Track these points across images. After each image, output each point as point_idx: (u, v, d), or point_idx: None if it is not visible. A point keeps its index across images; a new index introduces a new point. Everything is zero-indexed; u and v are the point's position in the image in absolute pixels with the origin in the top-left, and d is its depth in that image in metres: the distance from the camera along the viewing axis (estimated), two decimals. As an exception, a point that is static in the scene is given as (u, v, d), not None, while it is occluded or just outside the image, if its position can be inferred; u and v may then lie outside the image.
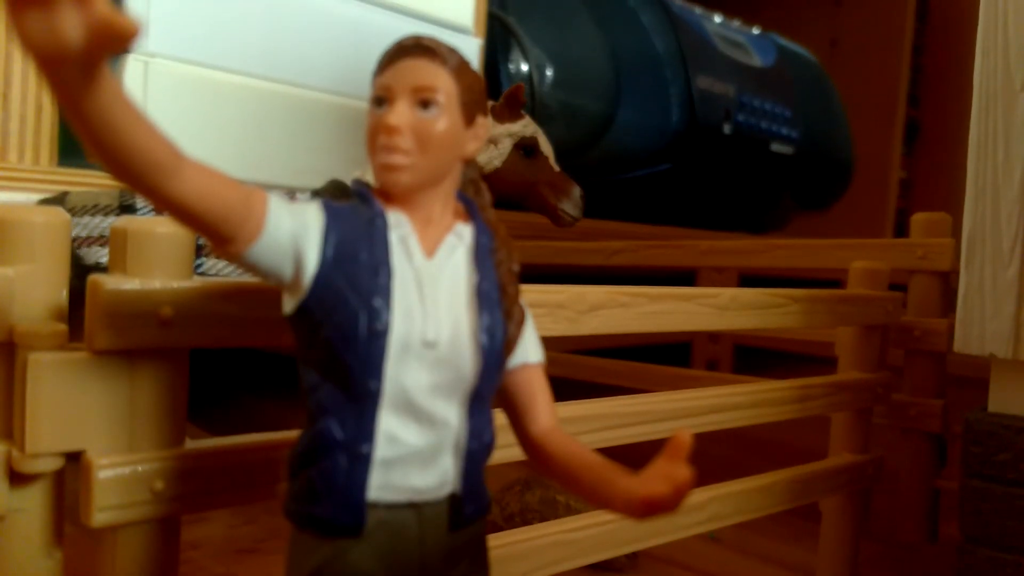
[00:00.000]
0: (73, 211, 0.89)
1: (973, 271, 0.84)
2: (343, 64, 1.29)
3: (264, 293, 0.49)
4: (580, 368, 1.31)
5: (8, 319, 0.47)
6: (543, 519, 0.92)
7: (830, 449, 0.99)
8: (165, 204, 0.37)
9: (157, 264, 0.47)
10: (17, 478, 0.47)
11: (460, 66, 0.44)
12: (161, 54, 1.12)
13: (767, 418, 0.85)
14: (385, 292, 0.40)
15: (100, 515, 0.46)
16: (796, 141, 2.27)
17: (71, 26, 0.29)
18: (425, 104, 0.42)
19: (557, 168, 0.99)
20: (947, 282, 1.09)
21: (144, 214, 0.89)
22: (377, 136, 0.42)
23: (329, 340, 0.40)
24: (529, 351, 0.46)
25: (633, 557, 0.98)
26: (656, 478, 0.39)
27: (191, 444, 0.50)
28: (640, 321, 0.70)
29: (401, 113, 0.42)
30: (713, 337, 1.66)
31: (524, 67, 1.61)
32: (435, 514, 0.42)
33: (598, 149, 1.82)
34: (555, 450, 0.45)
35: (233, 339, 0.49)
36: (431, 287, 0.41)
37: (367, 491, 0.40)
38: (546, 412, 0.46)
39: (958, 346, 0.85)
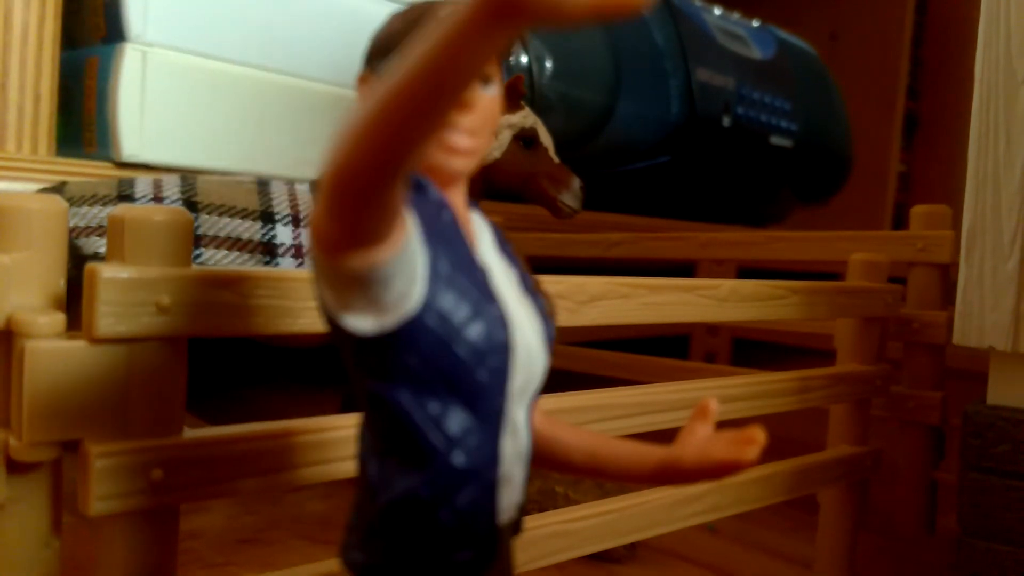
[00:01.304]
0: (71, 201, 0.88)
1: (973, 264, 0.84)
2: (342, 54, 1.28)
3: (263, 281, 0.49)
4: (578, 360, 1.31)
5: (5, 307, 0.46)
6: (541, 510, 0.91)
7: (829, 441, 0.99)
8: (380, 203, 0.30)
9: (155, 252, 0.46)
10: (15, 467, 0.47)
11: None
12: (160, 43, 1.11)
13: (766, 410, 0.84)
14: (488, 290, 0.35)
15: (98, 504, 0.45)
16: (795, 134, 2.26)
17: None
18: (486, 80, 0.38)
19: (556, 160, 0.99)
20: (947, 275, 1.09)
21: (143, 203, 0.89)
22: None
23: (451, 360, 0.34)
24: None
25: (632, 548, 0.98)
26: (722, 443, 0.38)
27: (190, 433, 0.49)
28: (640, 312, 0.70)
29: (473, 89, 0.37)
30: (712, 330, 1.66)
31: (523, 59, 1.60)
32: (510, 531, 0.39)
33: (597, 141, 1.81)
34: (565, 436, 0.43)
35: (232, 327, 0.49)
36: (500, 282, 0.37)
37: (498, 514, 0.36)
38: (537, 401, 0.44)
39: (957, 338, 0.85)
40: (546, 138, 1.00)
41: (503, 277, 0.39)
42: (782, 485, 0.87)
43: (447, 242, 0.35)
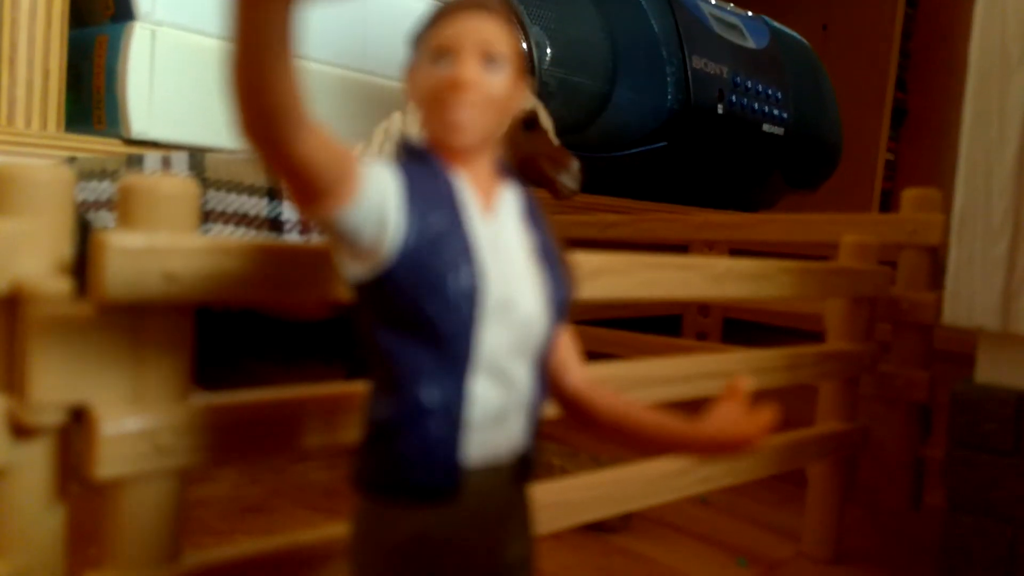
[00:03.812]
0: (80, 176, 0.89)
1: (964, 245, 0.85)
2: (347, 37, 1.29)
3: (270, 251, 0.50)
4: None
5: (11, 273, 0.47)
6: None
7: (818, 417, 1.00)
8: (285, 158, 0.36)
9: (163, 221, 0.47)
10: (21, 432, 0.47)
11: (513, 24, 0.43)
12: (168, 23, 1.11)
13: (757, 386, 0.85)
14: (468, 253, 0.39)
15: (104, 468, 0.46)
16: (787, 122, 2.28)
17: None
18: (491, 61, 0.41)
19: (556, 142, 1.00)
20: (935, 257, 1.10)
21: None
22: (441, 91, 0.40)
23: (419, 304, 0.38)
24: None
25: (626, 519, 0.99)
26: (741, 420, 0.41)
27: (195, 399, 0.50)
28: (638, 288, 0.71)
29: (472, 68, 0.40)
30: (703, 310, 1.67)
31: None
32: (506, 473, 0.42)
33: (595, 127, 1.82)
34: (597, 400, 0.45)
35: (239, 296, 0.49)
36: (499, 247, 0.41)
37: (461, 455, 0.39)
38: (578, 364, 0.47)
39: (947, 318, 0.86)
40: (546, 120, 1.01)
41: (510, 241, 0.42)
42: (772, 459, 0.88)
43: (437, 205, 0.40)
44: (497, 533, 0.41)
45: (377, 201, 0.39)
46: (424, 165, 0.41)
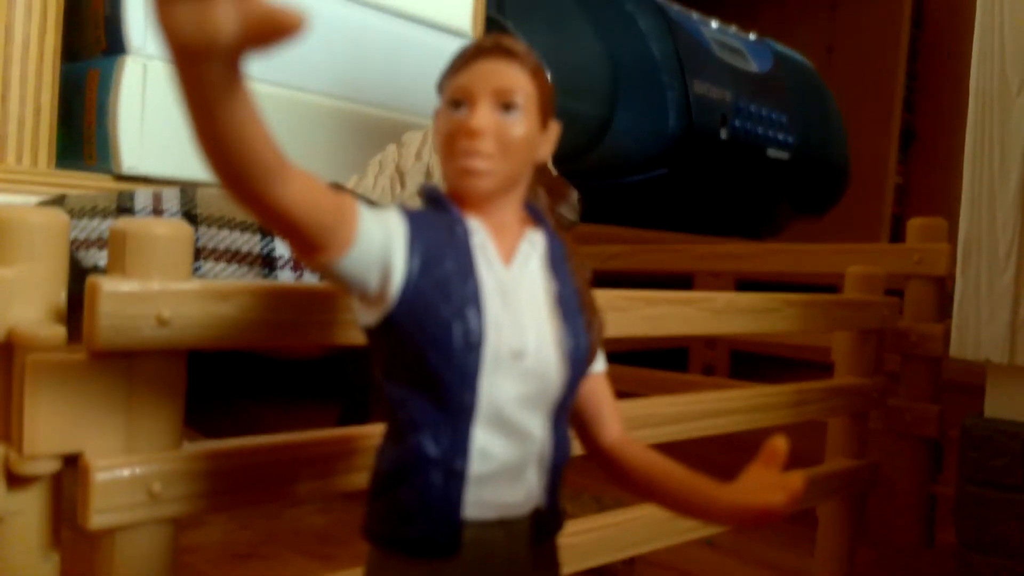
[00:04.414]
0: (71, 213, 0.88)
1: (969, 276, 0.85)
2: (342, 68, 1.29)
3: (262, 295, 0.49)
4: (577, 372, 1.30)
5: (6, 320, 0.46)
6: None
7: (826, 454, 0.99)
8: (268, 210, 0.35)
9: (156, 265, 0.47)
10: (14, 480, 0.47)
11: (537, 68, 0.43)
12: (161, 56, 1.12)
13: (763, 423, 0.85)
14: (476, 302, 0.38)
15: (98, 517, 0.46)
16: (792, 147, 2.27)
17: (225, 16, 0.27)
18: (507, 107, 0.41)
19: (554, 172, 1.00)
20: (943, 287, 1.09)
21: (143, 216, 0.89)
22: (456, 139, 0.40)
23: (421, 353, 0.38)
24: (596, 360, 0.46)
25: (630, 563, 0.97)
26: (766, 486, 0.38)
27: (189, 447, 0.50)
28: (637, 325, 0.70)
29: (484, 116, 0.40)
30: (710, 343, 1.66)
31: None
32: (521, 530, 0.41)
33: (595, 154, 1.82)
34: (631, 459, 0.44)
35: (232, 341, 0.49)
36: (514, 296, 0.40)
37: (462, 509, 0.39)
38: (615, 420, 0.46)
39: (954, 351, 0.85)
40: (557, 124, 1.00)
41: (529, 289, 0.41)
42: (780, 498, 0.87)
43: (446, 252, 0.39)
44: None
45: (378, 248, 0.38)
46: (439, 212, 0.41)
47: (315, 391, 1.60)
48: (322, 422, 1.30)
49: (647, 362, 1.37)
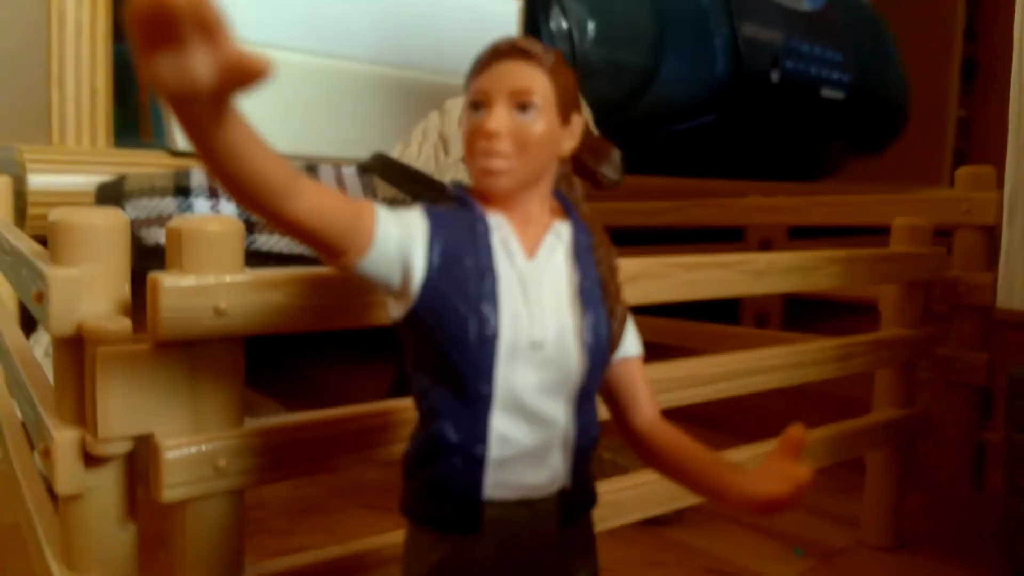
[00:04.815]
0: (131, 194, 0.93)
1: (1016, 227, 0.84)
2: (383, 34, 1.30)
3: (310, 282, 0.52)
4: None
5: (75, 315, 0.50)
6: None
7: (874, 404, 0.99)
8: (283, 224, 0.38)
9: (210, 260, 0.50)
10: (91, 460, 0.51)
11: (555, 66, 0.44)
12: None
13: (808, 378, 0.86)
14: (492, 297, 0.40)
15: (169, 492, 0.50)
16: (847, 85, 2.22)
17: (202, 66, 0.30)
18: (523, 107, 0.42)
19: (596, 131, 1.01)
20: (992, 236, 1.08)
21: (198, 195, 0.93)
22: (476, 141, 0.42)
23: (440, 346, 0.40)
24: (628, 344, 0.47)
25: (679, 511, 1.00)
26: (775, 477, 0.40)
27: (249, 423, 0.53)
28: (677, 291, 0.71)
29: (500, 118, 0.42)
30: (761, 290, 1.66)
31: (564, 24, 1.60)
32: (546, 509, 0.43)
33: (642, 103, 1.81)
34: (660, 442, 0.46)
35: (284, 327, 0.52)
36: (535, 288, 0.42)
37: (483, 490, 0.41)
38: (648, 404, 0.47)
39: (1001, 301, 0.85)
40: (585, 111, 1.01)
41: (551, 282, 0.43)
42: (827, 450, 0.88)
43: (466, 249, 0.41)
44: (533, 566, 0.43)
45: (396, 248, 0.40)
46: (462, 209, 0.43)
47: (375, 349, 1.65)
48: (380, 381, 1.35)
49: (698, 311, 1.38)
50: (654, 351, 0.74)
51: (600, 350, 0.43)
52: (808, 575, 0.94)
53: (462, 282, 0.40)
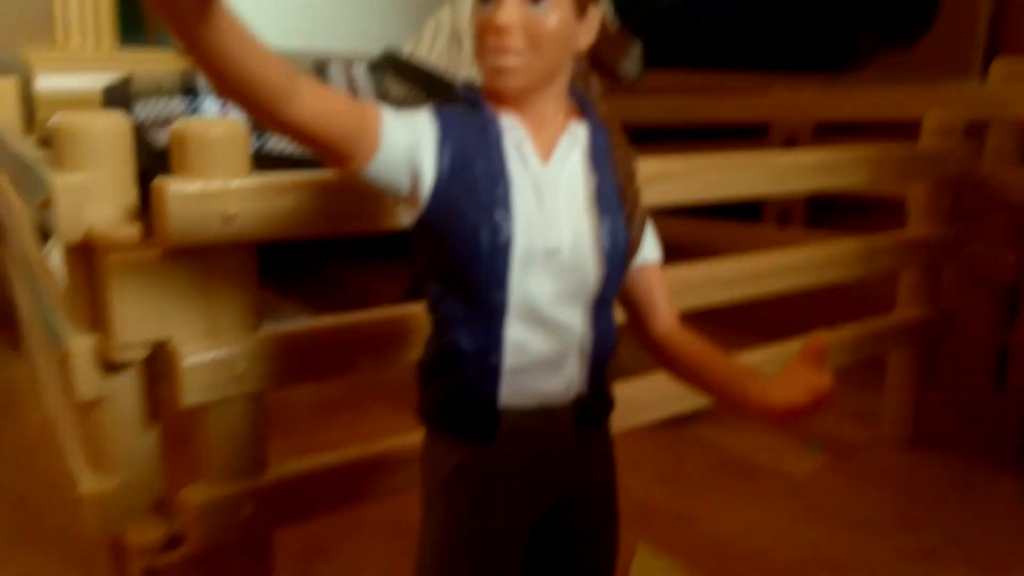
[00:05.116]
0: (138, 95, 0.91)
1: (1053, 120, 0.80)
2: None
3: (319, 187, 0.51)
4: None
5: (84, 223, 0.49)
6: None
7: (898, 303, 0.98)
8: (283, 128, 0.36)
9: (216, 165, 0.48)
10: (109, 366, 0.51)
11: None
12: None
13: (835, 278, 0.85)
14: (505, 203, 0.39)
15: (188, 396, 0.50)
16: (879, -29, 2.13)
17: None
18: None
19: (614, 25, 0.97)
20: (1026, 131, 1.04)
21: (206, 95, 0.91)
22: (486, 37, 0.39)
23: (451, 255, 0.39)
24: (647, 250, 0.45)
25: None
26: (794, 385, 0.38)
27: (268, 328, 0.53)
28: (697, 192, 0.70)
29: (510, 11, 0.38)
30: (785, 189, 1.62)
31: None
32: (563, 416, 0.42)
33: (664, -4, 1.74)
34: (679, 350, 0.44)
35: (295, 232, 0.51)
36: (550, 193, 0.40)
37: (498, 399, 0.41)
38: (667, 311, 0.46)
39: (1033, 199, 0.82)
40: (601, 1, 0.97)
41: (567, 186, 0.41)
42: (848, 351, 0.88)
43: (477, 152, 0.40)
44: (548, 470, 0.42)
45: (404, 152, 0.39)
46: (473, 111, 0.41)
47: (395, 249, 1.65)
48: (399, 282, 1.35)
49: (718, 210, 1.36)
50: (672, 252, 0.72)
51: (618, 256, 0.41)
52: (825, 471, 0.95)
53: (473, 188, 0.39)
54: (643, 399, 0.72)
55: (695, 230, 1.26)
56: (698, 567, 0.76)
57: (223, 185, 0.48)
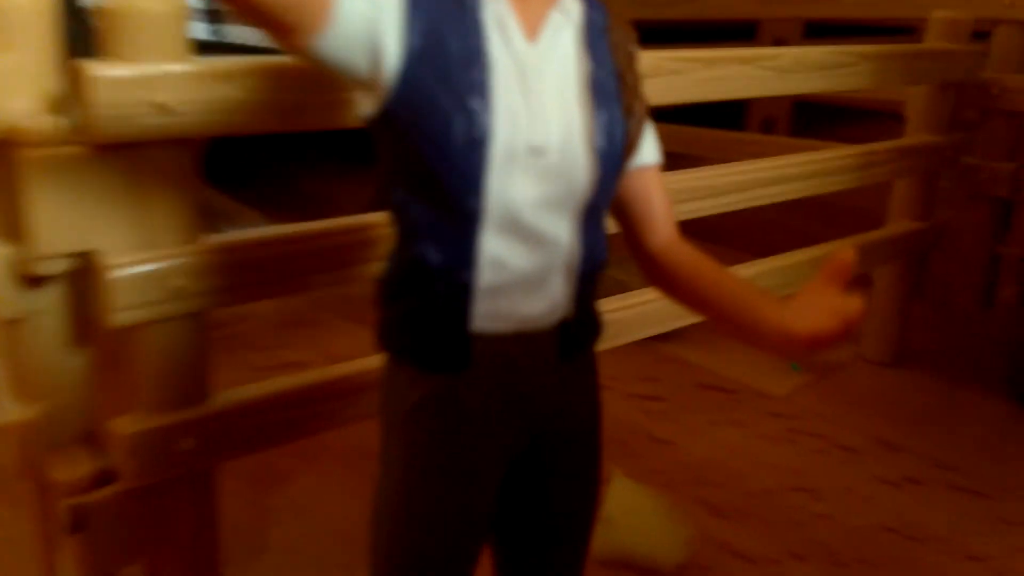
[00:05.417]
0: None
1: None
2: None
3: (270, 73, 0.44)
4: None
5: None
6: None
7: (890, 216, 0.94)
8: None
9: (151, 46, 0.42)
10: (30, 280, 0.45)
11: None
12: None
13: (829, 187, 0.80)
14: (482, 89, 0.32)
15: (116, 314, 0.44)
16: None
17: None
18: None
19: None
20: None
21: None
22: None
23: (419, 150, 0.33)
24: (646, 151, 0.39)
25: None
26: (820, 310, 0.33)
27: (209, 239, 0.47)
28: (693, 90, 0.64)
29: None
30: (770, 93, 1.56)
31: None
32: (544, 342, 0.37)
33: None
34: (679, 266, 0.38)
35: (240, 126, 0.45)
36: (536, 79, 0.34)
37: (471, 322, 0.35)
38: (666, 222, 0.39)
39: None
40: None
41: (555, 72, 0.34)
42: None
43: (450, 26, 0.33)
44: (526, 403, 0.37)
45: (363, 25, 0.32)
46: None
47: (362, 155, 1.58)
48: (367, 189, 1.28)
49: (702, 114, 1.29)
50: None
51: (613, 156, 0.35)
52: (804, 390, 0.92)
53: (445, 70, 0.32)
54: (625, 319, 0.67)
55: (674, 135, 1.19)
56: (674, 492, 0.73)
57: (158, 70, 0.41)
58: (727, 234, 1.06)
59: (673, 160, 0.82)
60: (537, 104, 0.33)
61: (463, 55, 0.32)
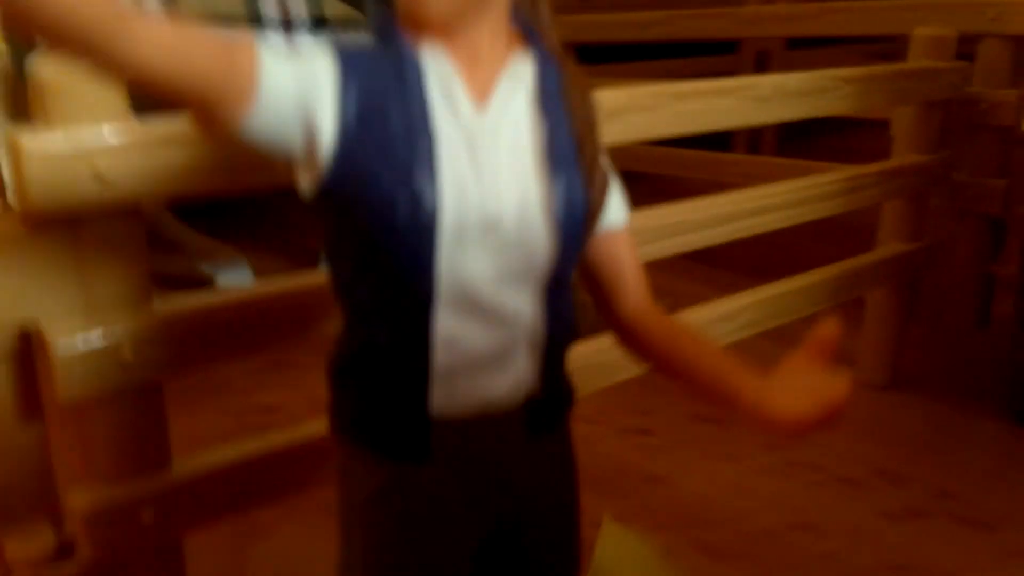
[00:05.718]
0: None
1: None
2: None
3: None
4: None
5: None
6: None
7: (880, 237, 0.92)
8: (123, 73, 0.28)
9: (83, 110, 0.39)
10: (-29, 360, 0.43)
11: None
12: None
13: (817, 214, 0.78)
14: (428, 163, 0.30)
15: (66, 391, 0.42)
16: None
17: None
18: None
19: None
20: (1020, 48, 0.96)
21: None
22: None
23: (362, 230, 0.31)
24: (612, 214, 0.36)
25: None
26: (802, 392, 0.31)
27: (160, 306, 0.45)
28: (669, 124, 0.62)
29: None
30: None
31: None
32: (511, 423, 0.34)
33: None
34: (653, 334, 0.36)
35: (185, 190, 0.43)
36: (487, 149, 0.31)
37: (429, 405, 0.33)
38: (637, 287, 0.37)
39: (1030, 123, 0.76)
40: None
41: (508, 138, 0.32)
42: (826, 293, 0.81)
43: (396, 104, 0.31)
44: (493, 490, 0.35)
45: (293, 101, 0.30)
46: (388, 47, 0.31)
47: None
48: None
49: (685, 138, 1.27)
50: (639, 183, 0.64)
51: (574, 225, 0.33)
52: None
53: (387, 145, 0.30)
54: (611, 361, 0.65)
55: (660, 158, 1.17)
56: (668, 534, 0.70)
57: (94, 137, 0.39)
58: (711, 253, 1.04)
59: (659, 182, 0.80)
60: (489, 175, 0.31)
61: (406, 128, 0.30)
